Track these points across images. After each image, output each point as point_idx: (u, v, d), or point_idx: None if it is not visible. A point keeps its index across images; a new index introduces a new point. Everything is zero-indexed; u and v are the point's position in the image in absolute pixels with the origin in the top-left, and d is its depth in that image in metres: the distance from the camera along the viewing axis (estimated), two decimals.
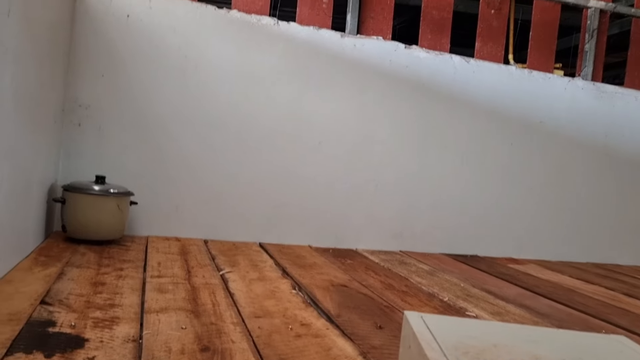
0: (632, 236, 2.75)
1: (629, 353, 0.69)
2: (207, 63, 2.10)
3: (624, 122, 2.69)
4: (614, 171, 2.69)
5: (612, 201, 2.70)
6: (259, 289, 1.47)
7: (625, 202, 2.72)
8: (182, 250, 1.88)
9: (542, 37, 2.68)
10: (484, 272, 2.12)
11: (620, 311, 1.69)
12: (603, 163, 2.67)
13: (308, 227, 2.26)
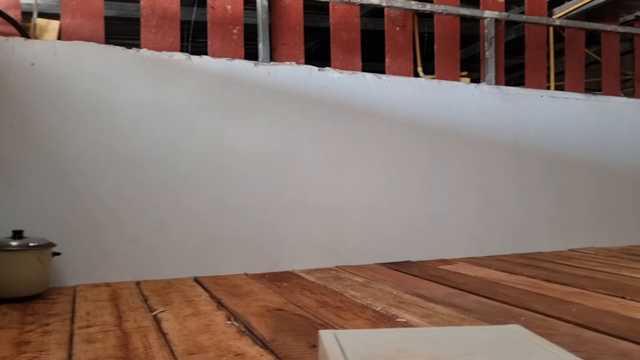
0: (549, 223, 2.94)
1: (520, 341, 0.76)
2: (121, 104, 2.09)
3: (529, 120, 2.89)
4: (525, 166, 2.88)
5: (527, 194, 2.89)
6: (193, 325, 1.47)
7: (538, 193, 2.91)
8: (113, 295, 1.84)
9: (446, 49, 2.85)
10: (415, 276, 2.21)
11: (539, 297, 1.81)
12: (514, 160, 2.85)
13: (243, 255, 2.27)
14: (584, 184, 3.04)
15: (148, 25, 2.26)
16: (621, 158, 3.14)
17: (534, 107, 2.91)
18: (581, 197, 3.03)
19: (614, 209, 3.13)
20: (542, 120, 2.92)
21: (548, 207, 2.94)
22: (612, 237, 3.12)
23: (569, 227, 3.01)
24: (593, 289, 1.93)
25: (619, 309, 1.63)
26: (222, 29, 2.38)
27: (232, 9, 2.38)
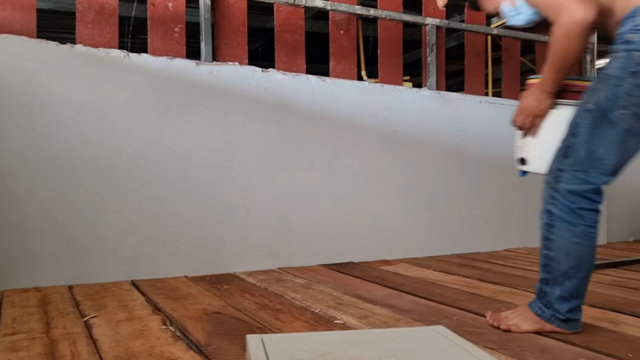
0: (486, 225, 3.05)
1: (442, 342, 0.79)
2: (54, 101, 2.01)
3: (468, 124, 2.98)
4: (464, 169, 2.97)
5: (466, 195, 2.98)
6: (126, 331, 1.44)
7: (476, 195, 3.02)
8: (43, 300, 1.77)
9: (389, 53, 2.90)
10: (357, 277, 2.24)
11: (473, 296, 1.88)
12: (454, 162, 2.94)
13: (183, 258, 2.23)
14: (518, 187, 3.16)
15: (84, 20, 2.18)
16: None
17: (473, 112, 3.01)
18: (516, 199, 3.15)
19: None
20: (480, 125, 3.02)
21: (485, 208, 3.05)
22: None
23: (504, 228, 3.13)
24: (523, 287, 2.02)
25: None
26: (163, 27, 2.33)
27: (173, 6, 2.34)
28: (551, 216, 1.39)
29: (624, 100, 1.27)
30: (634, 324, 1.53)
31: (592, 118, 1.32)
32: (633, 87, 1.26)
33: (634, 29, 1.27)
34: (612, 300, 1.82)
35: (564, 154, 1.38)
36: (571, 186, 1.35)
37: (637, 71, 1.26)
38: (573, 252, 1.36)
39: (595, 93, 1.33)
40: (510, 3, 1.58)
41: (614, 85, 1.29)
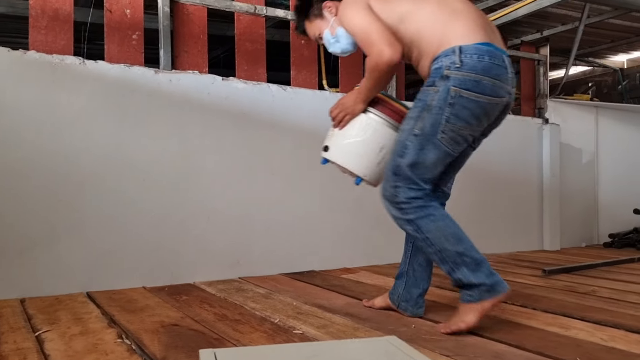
0: None
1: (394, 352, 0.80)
2: (5, 108, 1.94)
3: None
4: None
5: None
6: (79, 345, 1.40)
7: None
8: None
9: (350, 63, 2.93)
10: (317, 286, 2.24)
11: (430, 304, 1.90)
12: None
13: (141, 268, 2.19)
14: (476, 193, 3.25)
15: (37, 25, 2.12)
16: (510, 170, 3.39)
17: None
18: (474, 206, 3.23)
19: (504, 218, 3.37)
20: None
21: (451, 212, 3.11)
22: (501, 243, 3.36)
23: None
24: None
25: (498, 313, 1.76)
26: (120, 34, 2.29)
27: (131, 13, 2.31)
28: (414, 224, 1.55)
29: (443, 127, 1.49)
30: (583, 329, 1.59)
31: (418, 141, 1.51)
32: (450, 116, 1.48)
33: (451, 66, 1.47)
34: (564, 305, 1.89)
35: (395, 173, 1.55)
36: (410, 194, 1.54)
37: (453, 102, 1.47)
38: (447, 232, 1.54)
39: (420, 120, 1.51)
40: (331, 31, 1.74)
41: (435, 114, 1.48)
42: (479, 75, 1.46)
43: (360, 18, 1.57)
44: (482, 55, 1.46)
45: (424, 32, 1.55)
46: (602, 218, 3.87)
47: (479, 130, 1.58)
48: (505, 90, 1.53)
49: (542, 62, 3.65)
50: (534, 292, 2.13)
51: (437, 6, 1.56)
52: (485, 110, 1.51)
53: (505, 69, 1.51)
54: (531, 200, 3.50)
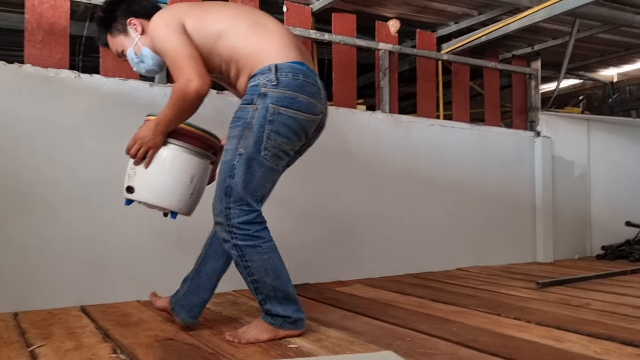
0: (439, 244, 3.12)
1: None
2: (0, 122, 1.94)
3: (420, 146, 3.07)
4: (417, 189, 3.04)
5: (419, 216, 3.05)
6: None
7: (428, 215, 3.09)
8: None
9: (344, 77, 2.96)
10: (311, 299, 2.24)
11: (425, 317, 1.91)
12: (407, 183, 3.01)
13: (135, 282, 2.18)
14: (469, 206, 3.27)
15: (33, 40, 2.13)
16: (502, 183, 3.42)
17: (425, 134, 3.10)
18: (467, 218, 3.25)
19: (496, 230, 3.39)
20: (431, 147, 3.11)
21: (438, 228, 3.13)
22: (494, 256, 3.37)
23: (456, 248, 3.21)
24: (473, 307, 2.07)
25: (494, 326, 1.77)
26: None
27: None
28: (239, 249, 1.54)
29: (265, 144, 1.51)
30: (577, 341, 1.59)
31: (244, 160, 1.52)
32: (271, 133, 1.51)
33: (268, 84, 1.50)
34: (558, 318, 1.90)
35: (226, 194, 1.53)
36: (242, 218, 1.53)
37: (272, 119, 1.50)
38: (269, 267, 1.56)
39: (243, 139, 1.52)
40: (135, 50, 1.70)
41: (257, 132, 1.51)
42: (294, 92, 1.52)
43: (173, 41, 1.54)
44: (297, 74, 1.53)
45: (240, 49, 1.57)
46: (594, 230, 3.90)
47: (299, 145, 1.63)
48: (319, 109, 1.61)
49: (533, 76, 3.69)
50: (527, 304, 2.14)
51: (251, 25, 1.59)
52: (302, 127, 1.57)
53: (318, 88, 1.59)
54: (524, 212, 3.52)
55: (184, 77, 1.50)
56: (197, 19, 1.59)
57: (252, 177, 1.53)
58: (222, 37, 1.58)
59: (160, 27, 1.57)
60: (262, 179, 1.55)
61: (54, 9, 2.17)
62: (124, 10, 1.68)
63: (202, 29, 1.58)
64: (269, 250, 1.57)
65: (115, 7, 1.68)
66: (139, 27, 1.68)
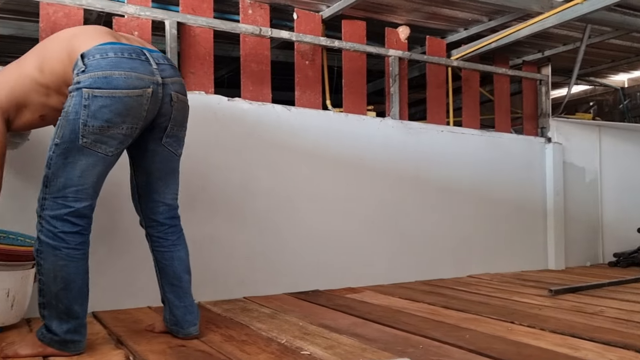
0: (450, 251, 3.11)
1: None
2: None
3: (430, 153, 3.06)
4: (427, 196, 3.03)
5: (429, 222, 3.03)
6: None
7: (439, 222, 3.07)
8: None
9: (354, 83, 2.96)
10: (322, 306, 2.23)
11: (437, 324, 1.90)
12: (417, 190, 3.00)
13: (145, 288, 2.18)
14: (480, 213, 3.25)
15: None
16: (513, 189, 3.39)
17: (435, 141, 3.09)
18: (478, 225, 3.23)
19: (508, 237, 3.37)
20: (442, 153, 3.10)
21: (448, 235, 3.11)
22: (506, 263, 3.35)
23: (467, 254, 3.19)
24: (486, 314, 2.06)
25: (507, 334, 1.75)
26: None
27: (139, 35, 2.34)
28: (39, 242, 1.46)
29: (83, 131, 1.43)
30: (593, 349, 1.58)
31: (61, 150, 1.44)
32: (87, 118, 1.42)
33: (78, 72, 1.43)
34: (572, 326, 1.87)
35: (45, 184, 1.47)
36: (53, 212, 1.45)
37: (88, 104, 1.42)
38: (60, 274, 1.45)
39: (60, 129, 1.45)
40: None
41: (72, 120, 1.43)
42: (107, 71, 1.43)
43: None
44: (105, 53, 1.45)
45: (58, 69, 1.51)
46: (606, 237, 3.86)
47: (134, 126, 1.50)
48: (147, 81, 1.49)
49: (544, 82, 3.68)
50: (541, 312, 2.12)
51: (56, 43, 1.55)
52: (127, 105, 1.45)
53: (141, 62, 1.49)
54: (535, 219, 3.49)
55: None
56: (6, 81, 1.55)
57: (72, 168, 1.45)
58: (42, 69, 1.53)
59: None
60: (84, 170, 1.46)
61: (67, 17, 2.19)
62: None
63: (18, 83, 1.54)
64: (69, 258, 1.45)
65: None
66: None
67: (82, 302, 1.50)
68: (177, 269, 1.71)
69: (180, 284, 1.71)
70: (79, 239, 1.47)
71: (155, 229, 1.70)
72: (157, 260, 1.72)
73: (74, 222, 1.47)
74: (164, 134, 1.62)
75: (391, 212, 2.90)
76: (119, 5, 2.33)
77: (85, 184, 1.47)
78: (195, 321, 1.71)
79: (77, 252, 1.47)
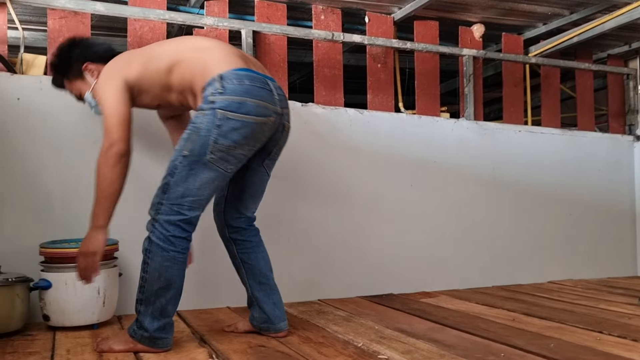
0: (528, 256, 2.99)
1: None
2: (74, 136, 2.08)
3: (507, 155, 2.96)
4: (504, 199, 2.93)
5: (507, 226, 2.93)
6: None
7: (517, 225, 2.96)
8: (94, 332, 1.82)
9: (426, 85, 2.92)
10: (397, 310, 2.22)
11: (519, 332, 1.84)
12: (494, 193, 2.91)
13: (225, 289, 2.27)
14: (562, 217, 3.10)
15: None
16: (597, 191, 3.21)
17: (512, 141, 2.99)
18: (559, 229, 3.09)
19: (592, 241, 3.19)
20: (520, 154, 2.99)
21: (527, 239, 2.99)
22: (590, 269, 3.17)
23: (548, 259, 3.06)
24: (571, 323, 1.96)
25: (595, 344, 1.66)
26: None
27: None
28: (150, 242, 1.56)
29: (212, 147, 1.53)
30: None
31: (187, 162, 1.54)
32: (218, 137, 1.53)
33: (215, 93, 1.53)
34: None
35: (163, 191, 1.56)
36: (168, 217, 1.54)
37: (221, 124, 1.52)
38: (164, 274, 1.54)
39: (189, 142, 1.54)
40: (93, 94, 1.74)
41: (204, 136, 1.53)
42: (242, 97, 1.54)
43: (108, 99, 1.60)
44: (242, 79, 1.56)
45: (187, 76, 1.62)
46: None
47: (253, 149, 1.63)
48: (271, 111, 1.60)
49: (631, 76, 3.46)
50: (631, 322, 1.99)
51: (191, 51, 1.66)
52: (254, 130, 1.57)
53: (269, 92, 1.60)
54: (623, 222, 3.29)
55: (107, 140, 1.58)
56: (141, 63, 1.66)
57: (194, 180, 1.55)
58: (171, 70, 1.64)
59: (101, 81, 1.66)
60: (204, 183, 1.56)
61: (152, 31, 2.33)
62: (78, 55, 1.76)
63: (149, 71, 1.65)
64: (174, 260, 1.55)
65: (70, 53, 1.77)
66: (95, 72, 1.75)
67: (175, 302, 1.60)
68: (263, 268, 1.81)
69: (267, 282, 1.81)
70: (185, 244, 1.59)
71: (239, 234, 1.81)
72: (244, 261, 1.81)
73: (184, 228, 1.57)
74: (267, 157, 1.76)
75: (466, 215, 2.84)
76: (199, 17, 2.44)
77: (201, 196, 1.58)
78: (284, 317, 1.79)
79: (181, 256, 1.58)
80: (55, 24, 2.23)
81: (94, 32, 2.37)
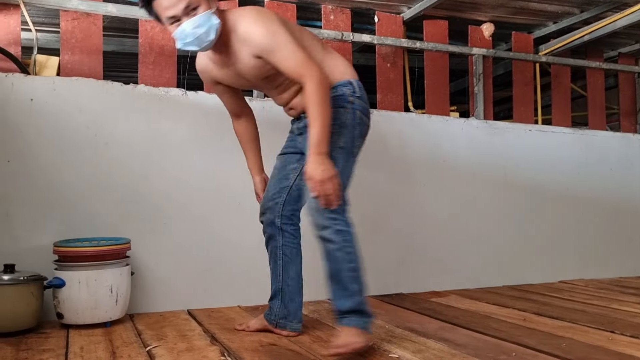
0: (539, 255, 2.98)
1: None
2: (117, 138, 2.12)
3: (518, 154, 2.95)
4: (515, 198, 2.92)
5: (517, 225, 2.92)
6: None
7: (527, 224, 2.95)
8: (106, 329, 1.84)
9: (436, 84, 2.92)
10: (407, 309, 2.22)
11: (530, 331, 1.83)
12: (504, 192, 2.90)
13: (236, 287, 2.28)
14: (573, 216, 3.09)
15: (145, 61, 2.31)
16: (609, 190, 3.19)
17: (523, 141, 2.98)
18: (570, 228, 3.07)
19: (603, 240, 3.17)
20: (530, 153, 2.98)
21: (538, 238, 2.98)
22: (602, 268, 3.15)
23: (558, 259, 3.04)
24: (583, 322, 1.96)
25: (608, 344, 1.66)
26: None
27: None
28: (343, 233, 1.59)
29: (357, 141, 1.71)
30: None
31: (345, 153, 1.66)
32: (359, 133, 1.71)
33: (353, 95, 1.69)
34: None
35: None
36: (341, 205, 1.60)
37: (360, 122, 1.70)
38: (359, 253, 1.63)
39: (342, 135, 1.65)
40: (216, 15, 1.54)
41: (351, 130, 1.67)
42: (366, 104, 1.75)
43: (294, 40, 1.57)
44: (362, 89, 1.74)
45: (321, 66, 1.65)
46: None
47: None
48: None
49: None
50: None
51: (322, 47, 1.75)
52: (367, 130, 1.77)
53: None
54: (635, 222, 3.26)
55: (311, 71, 1.53)
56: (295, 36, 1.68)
57: (350, 170, 1.68)
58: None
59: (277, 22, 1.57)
60: (351, 170, 1.70)
61: (164, 32, 2.34)
62: None
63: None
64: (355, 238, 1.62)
65: None
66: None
67: None
68: (299, 267, 1.86)
69: (299, 280, 1.87)
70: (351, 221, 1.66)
71: (290, 226, 1.85)
72: (285, 254, 1.85)
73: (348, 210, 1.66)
74: None
75: (476, 215, 2.83)
76: None
77: (348, 185, 1.69)
78: (302, 319, 1.83)
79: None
80: (68, 26, 2.26)
81: (105, 33, 2.39)
